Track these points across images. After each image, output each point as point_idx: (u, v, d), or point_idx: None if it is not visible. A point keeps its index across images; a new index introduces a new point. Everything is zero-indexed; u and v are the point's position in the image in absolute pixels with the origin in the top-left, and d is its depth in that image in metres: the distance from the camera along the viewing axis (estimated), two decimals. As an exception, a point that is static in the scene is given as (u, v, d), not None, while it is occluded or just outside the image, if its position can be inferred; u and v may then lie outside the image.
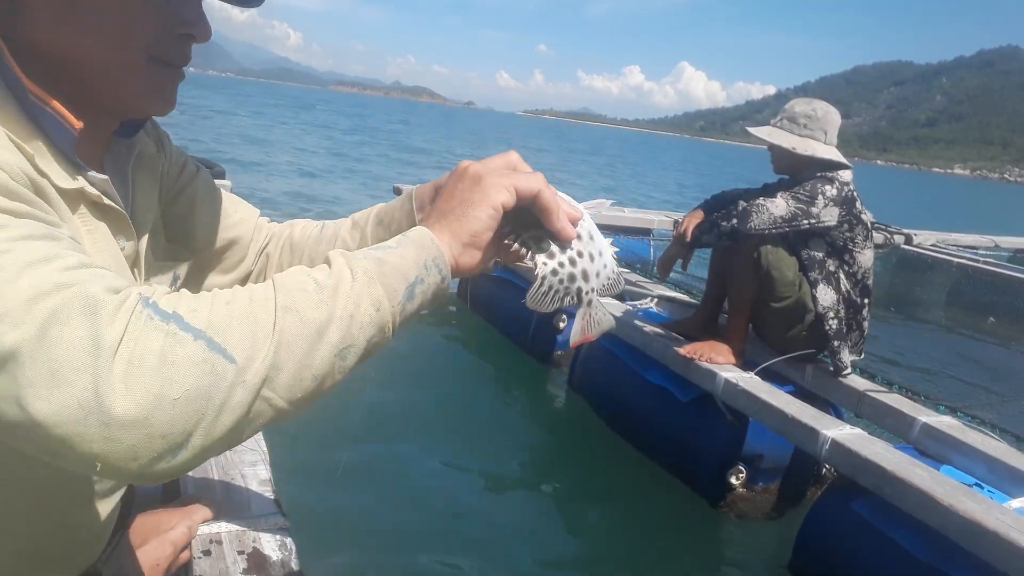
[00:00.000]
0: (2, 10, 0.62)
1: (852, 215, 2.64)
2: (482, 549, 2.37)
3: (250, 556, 1.27)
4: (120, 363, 0.47)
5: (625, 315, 3.30)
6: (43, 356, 0.47)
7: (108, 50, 0.64)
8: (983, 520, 1.85)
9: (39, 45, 0.63)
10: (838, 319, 2.69)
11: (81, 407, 0.47)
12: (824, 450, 2.29)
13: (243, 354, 0.51)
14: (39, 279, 0.49)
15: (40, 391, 0.46)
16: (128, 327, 0.49)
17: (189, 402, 0.49)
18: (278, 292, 0.55)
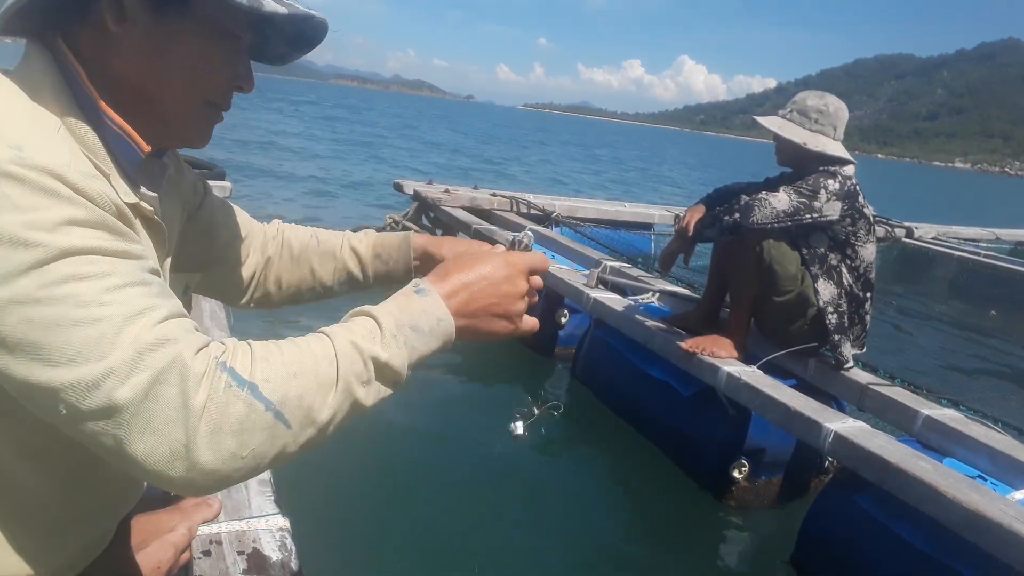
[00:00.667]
0: (93, 39, 0.70)
1: (854, 209, 2.63)
2: (484, 541, 2.37)
3: (250, 556, 1.27)
4: (206, 424, 0.59)
5: (627, 310, 3.30)
6: (145, 410, 0.57)
7: (181, 92, 0.74)
8: (987, 512, 1.85)
9: (122, 76, 0.71)
10: (839, 313, 2.68)
11: (171, 455, 0.58)
12: (827, 443, 2.29)
13: (298, 424, 0.64)
14: (140, 336, 0.58)
15: (138, 437, 0.58)
16: (211, 393, 0.59)
17: (253, 458, 0.62)
18: (340, 377, 0.66)
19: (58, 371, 0.57)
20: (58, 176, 0.60)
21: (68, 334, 0.57)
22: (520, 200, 5.78)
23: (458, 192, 5.72)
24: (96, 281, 0.58)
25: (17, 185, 0.58)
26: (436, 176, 7.42)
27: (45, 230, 0.58)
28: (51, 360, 0.57)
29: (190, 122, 0.77)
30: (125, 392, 0.57)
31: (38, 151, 0.60)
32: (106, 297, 0.58)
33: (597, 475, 2.94)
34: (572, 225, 5.53)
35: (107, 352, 0.57)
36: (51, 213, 0.58)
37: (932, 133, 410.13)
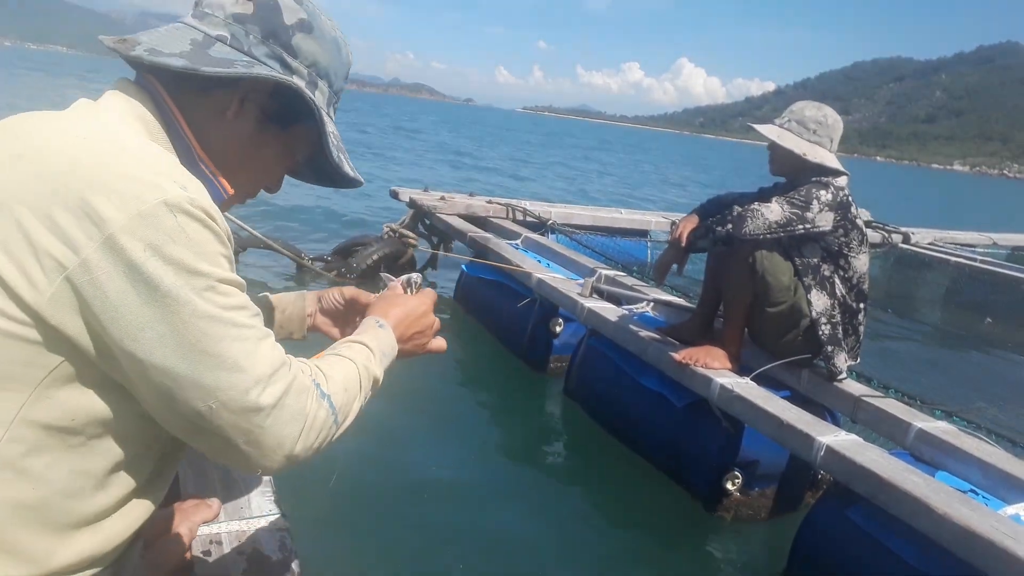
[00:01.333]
0: (207, 110, 0.87)
1: (847, 220, 2.63)
2: (477, 553, 2.37)
3: (250, 556, 1.28)
4: (308, 427, 0.81)
5: (621, 319, 3.30)
6: (276, 414, 0.77)
7: (247, 177, 0.94)
8: (977, 527, 1.84)
9: (215, 146, 0.88)
10: (831, 324, 2.68)
11: (279, 448, 0.78)
12: (819, 457, 2.28)
13: (342, 424, 0.88)
14: (271, 356, 0.78)
15: (264, 433, 0.76)
16: (312, 402, 0.81)
17: (318, 449, 0.84)
18: (361, 389, 0.92)
19: (221, 374, 0.72)
20: (213, 216, 0.74)
21: (230, 347, 0.73)
22: (516, 207, 5.78)
23: (454, 199, 5.72)
24: (242, 310, 0.76)
25: (192, 221, 0.72)
26: (447, 181, 7.41)
27: (209, 262, 0.73)
28: (217, 365, 0.72)
29: (240, 195, 0.95)
30: (266, 398, 0.75)
31: (197, 192, 0.75)
32: (249, 321, 0.76)
33: (590, 485, 2.93)
34: (567, 232, 5.52)
35: (256, 365, 0.75)
36: (212, 247, 0.74)
37: (930, 136, 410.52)
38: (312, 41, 0.90)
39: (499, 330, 4.33)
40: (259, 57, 0.86)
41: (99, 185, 0.69)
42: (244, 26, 0.86)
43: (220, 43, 0.85)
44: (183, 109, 0.85)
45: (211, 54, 0.83)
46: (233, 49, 0.85)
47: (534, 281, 3.92)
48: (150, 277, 0.68)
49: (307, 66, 0.90)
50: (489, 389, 3.84)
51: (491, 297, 4.43)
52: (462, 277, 4.87)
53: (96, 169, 0.70)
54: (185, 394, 0.72)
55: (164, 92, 0.84)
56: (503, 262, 4.27)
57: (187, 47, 0.83)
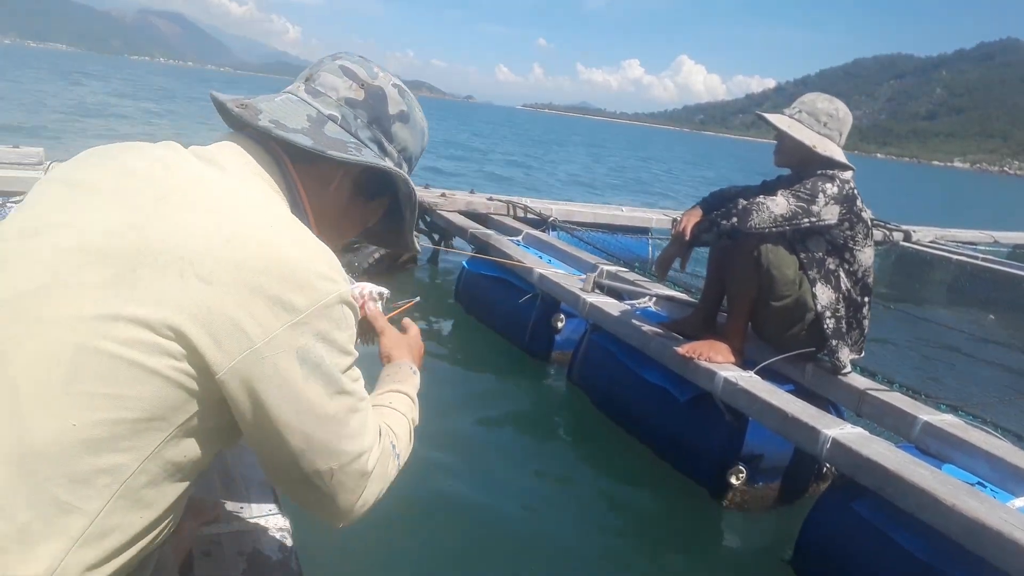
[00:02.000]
0: (313, 180, 0.94)
1: (853, 213, 2.61)
2: (482, 545, 2.36)
3: (250, 556, 1.27)
4: (386, 486, 0.94)
5: (623, 314, 3.28)
6: (373, 477, 0.90)
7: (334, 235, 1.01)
8: (986, 520, 1.83)
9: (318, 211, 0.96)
10: (836, 318, 2.66)
11: (364, 503, 0.91)
12: (824, 450, 2.27)
13: (401, 466, 0.99)
14: (374, 425, 0.91)
15: (364, 492, 0.89)
16: (391, 464, 0.95)
17: (386, 493, 0.95)
18: (411, 439, 1.06)
19: (345, 442, 0.84)
20: (355, 303, 0.86)
21: (355, 418, 0.85)
22: (516, 204, 5.77)
23: (454, 196, 5.71)
24: (360, 382, 0.88)
25: (349, 312, 0.84)
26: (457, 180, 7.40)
27: (352, 343, 0.85)
28: (345, 435, 0.84)
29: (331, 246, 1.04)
30: (371, 464, 0.88)
31: (346, 281, 0.85)
32: (364, 393, 0.89)
33: (593, 480, 2.92)
34: (568, 229, 5.51)
35: (367, 434, 0.88)
36: (352, 332, 0.85)
37: (931, 133, 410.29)
38: (407, 131, 1.01)
39: (501, 326, 4.32)
40: (363, 139, 0.95)
41: (294, 283, 0.78)
42: (354, 110, 0.95)
43: (331, 122, 0.93)
44: (305, 182, 0.93)
45: (326, 132, 0.92)
46: (342, 129, 0.94)
47: (536, 276, 3.91)
48: (317, 358, 0.80)
49: (398, 151, 1.01)
50: (491, 383, 3.82)
51: (493, 293, 4.41)
52: (463, 273, 4.86)
53: (290, 268, 0.78)
54: (314, 456, 0.82)
55: (289, 162, 0.91)
56: (505, 258, 4.26)
57: (306, 124, 0.91)
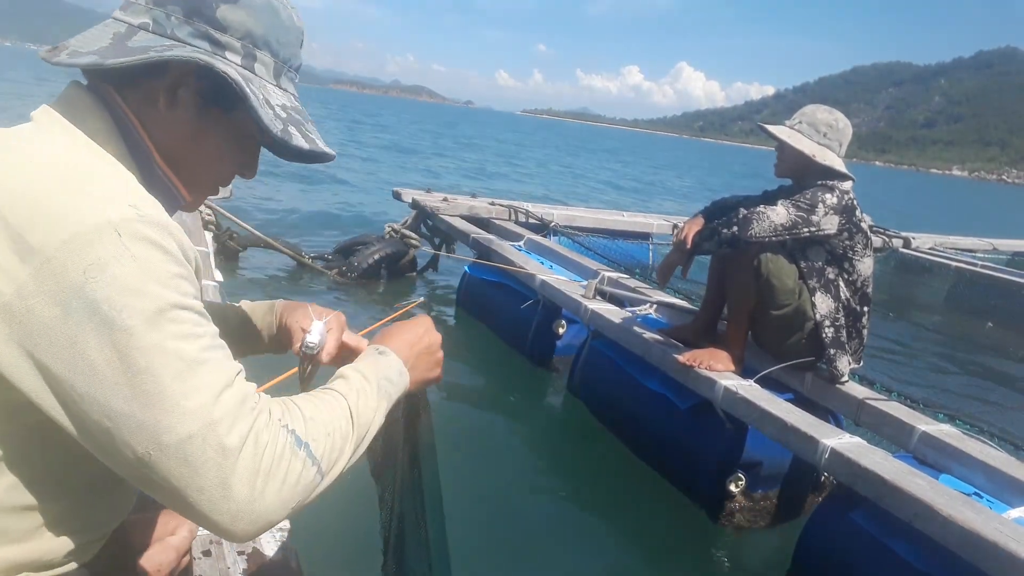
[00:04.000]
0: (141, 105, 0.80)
1: (852, 223, 2.63)
2: (477, 555, 2.37)
3: (250, 557, 1.28)
4: (274, 481, 0.69)
5: (624, 321, 3.30)
6: (230, 467, 0.66)
7: (201, 172, 0.87)
8: (982, 530, 1.85)
9: (158, 142, 0.81)
10: (835, 327, 2.68)
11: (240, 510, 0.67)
12: (823, 459, 2.29)
13: (327, 475, 0.76)
14: (228, 395, 0.68)
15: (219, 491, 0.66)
16: (283, 452, 0.70)
17: (296, 507, 0.72)
18: (354, 430, 0.80)
19: (161, 415, 0.65)
20: (168, 234, 0.69)
21: (174, 383, 0.65)
22: (518, 209, 5.78)
23: (456, 201, 5.72)
24: (195, 339, 0.68)
25: (140, 241, 0.66)
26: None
27: (160, 284, 0.66)
28: (157, 404, 0.64)
29: (198, 191, 0.89)
30: (212, 449, 0.66)
31: (150, 208, 0.70)
32: (203, 353, 0.68)
33: (592, 487, 2.94)
34: (570, 234, 5.53)
35: (204, 406, 0.66)
36: (164, 268, 0.67)
37: (930, 141, 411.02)
38: (239, 11, 0.82)
39: (502, 331, 4.34)
40: (184, 39, 0.79)
41: (43, 216, 0.65)
42: (165, 8, 0.79)
43: (143, 31, 0.79)
44: (136, 110, 0.80)
45: (130, 45, 0.77)
46: (156, 35, 0.78)
47: (537, 282, 3.93)
48: (88, 302, 0.63)
49: (239, 39, 0.82)
50: (492, 388, 3.84)
51: (494, 298, 4.43)
52: (465, 278, 4.87)
53: (32, 195, 0.66)
54: (124, 435, 0.65)
55: (114, 92, 0.79)
56: (506, 263, 4.28)
57: (107, 42, 0.78)
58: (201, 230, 3.93)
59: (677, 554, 2.60)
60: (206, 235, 3.94)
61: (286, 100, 0.86)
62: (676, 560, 2.56)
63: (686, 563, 2.56)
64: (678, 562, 2.55)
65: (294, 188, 10.24)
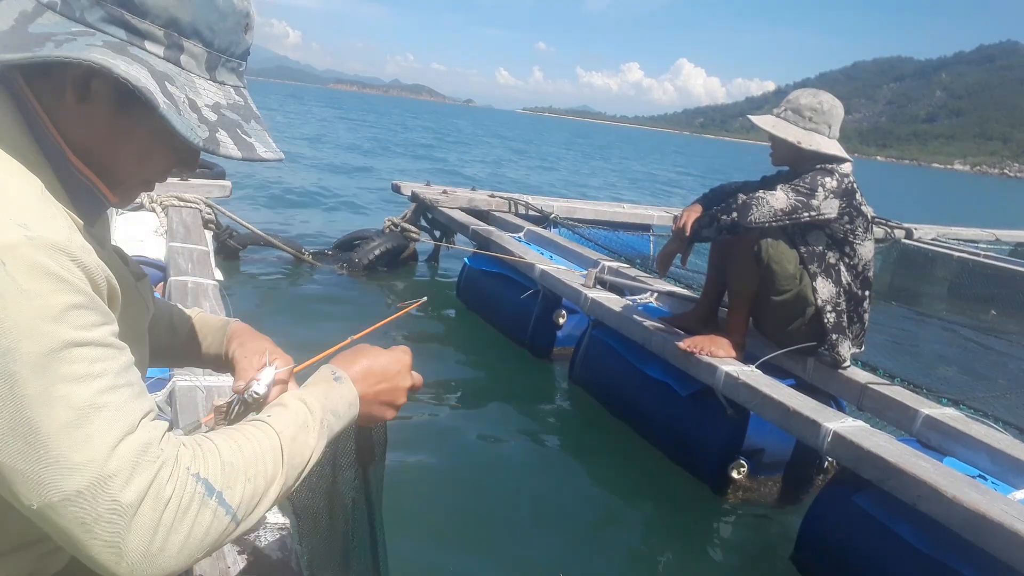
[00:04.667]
0: (52, 99, 0.71)
1: (852, 207, 2.62)
2: (483, 540, 2.36)
3: (250, 556, 1.27)
4: (177, 535, 0.63)
5: (625, 310, 3.29)
6: (125, 524, 0.60)
7: (124, 172, 0.77)
8: (987, 512, 1.83)
9: (74, 141, 0.72)
10: (837, 312, 2.67)
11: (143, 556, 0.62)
12: (826, 443, 2.27)
13: (245, 521, 0.70)
14: (125, 447, 0.61)
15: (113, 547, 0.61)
16: (185, 505, 0.64)
17: (205, 553, 0.66)
18: (283, 471, 0.73)
19: (44, 469, 0.58)
20: (66, 252, 0.62)
21: (62, 433, 0.59)
22: (518, 201, 5.77)
23: (456, 193, 5.71)
24: (92, 382, 0.61)
25: (28, 271, 0.59)
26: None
27: (52, 319, 0.59)
28: (40, 457, 0.58)
29: (123, 192, 0.79)
30: (105, 505, 0.60)
31: (44, 227, 0.62)
32: (100, 400, 0.61)
33: (596, 475, 2.92)
34: (570, 226, 5.52)
35: (96, 458, 0.59)
36: (56, 300, 0.60)
37: (931, 135, 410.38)
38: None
39: (503, 322, 4.32)
40: (94, 24, 0.68)
41: None
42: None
43: (50, 11, 0.68)
44: (42, 101, 0.71)
45: (31, 30, 0.67)
46: (63, 17, 0.68)
47: (537, 272, 3.91)
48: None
49: (162, 26, 0.70)
50: (493, 379, 3.82)
51: (494, 289, 4.42)
52: (465, 270, 4.86)
53: None
54: (14, 487, 0.59)
55: (24, 83, 0.70)
56: (506, 254, 4.26)
57: (9, 24, 0.68)
58: (201, 229, 3.91)
59: (681, 539, 2.58)
60: (206, 234, 3.92)
61: (221, 97, 0.75)
62: (680, 544, 2.55)
63: (689, 547, 2.54)
64: (682, 546, 2.54)
65: (295, 187, 10.24)
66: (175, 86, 0.71)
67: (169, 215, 3.94)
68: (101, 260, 0.68)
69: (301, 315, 4.33)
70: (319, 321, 4.22)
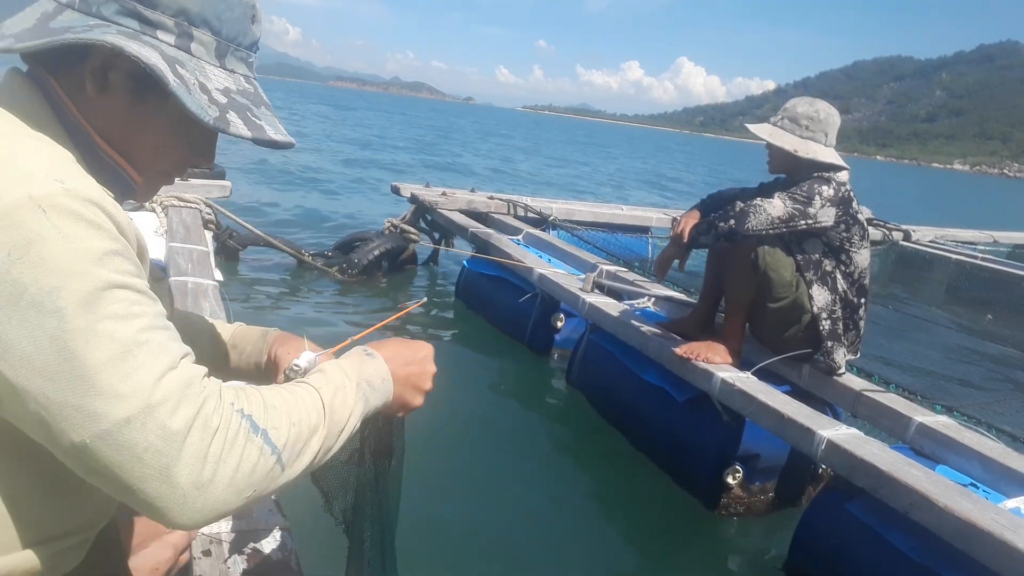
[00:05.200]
0: (73, 90, 0.75)
1: (848, 215, 2.63)
2: (476, 546, 2.37)
3: (250, 556, 1.28)
4: (225, 467, 0.65)
5: (622, 314, 3.30)
6: (173, 453, 0.62)
7: (142, 161, 0.81)
8: (978, 521, 1.85)
9: (99, 125, 0.77)
10: (832, 319, 2.68)
11: (186, 497, 0.63)
12: (820, 450, 2.29)
13: (290, 466, 0.71)
14: (169, 379, 0.64)
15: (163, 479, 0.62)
16: (236, 438, 0.66)
17: (253, 495, 0.68)
18: (325, 425, 0.76)
19: (95, 400, 0.61)
20: (101, 206, 0.65)
21: (109, 366, 0.61)
22: (517, 203, 5.78)
23: (455, 195, 5.72)
24: (133, 320, 0.64)
25: (68, 216, 0.63)
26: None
27: (92, 262, 0.63)
28: (90, 389, 0.61)
29: (149, 177, 0.83)
30: (154, 433, 0.62)
31: (79, 183, 0.66)
32: (142, 336, 0.64)
33: (590, 482, 2.94)
34: (569, 228, 5.53)
35: (142, 389, 0.62)
36: (96, 244, 0.63)
37: (931, 135, 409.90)
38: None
39: (501, 325, 4.34)
40: (109, 17, 0.73)
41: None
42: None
43: (69, 10, 0.74)
44: (70, 95, 0.75)
45: (51, 26, 0.72)
46: (80, 14, 0.73)
47: (536, 276, 3.93)
48: (13, 285, 0.60)
49: (172, 16, 0.75)
50: (490, 382, 3.84)
51: (493, 292, 4.43)
52: (463, 272, 4.87)
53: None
54: (60, 424, 0.61)
55: (52, 79, 0.75)
56: (505, 257, 4.28)
57: (32, 23, 0.73)
58: (201, 229, 3.92)
59: (675, 546, 2.60)
60: (206, 234, 3.93)
61: (231, 83, 0.80)
62: (673, 551, 2.57)
63: (683, 554, 2.56)
64: (675, 553, 2.56)
65: (294, 186, 10.23)
66: (185, 69, 0.75)
67: (169, 215, 3.95)
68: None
69: (301, 316, 4.34)
70: (319, 322, 4.24)
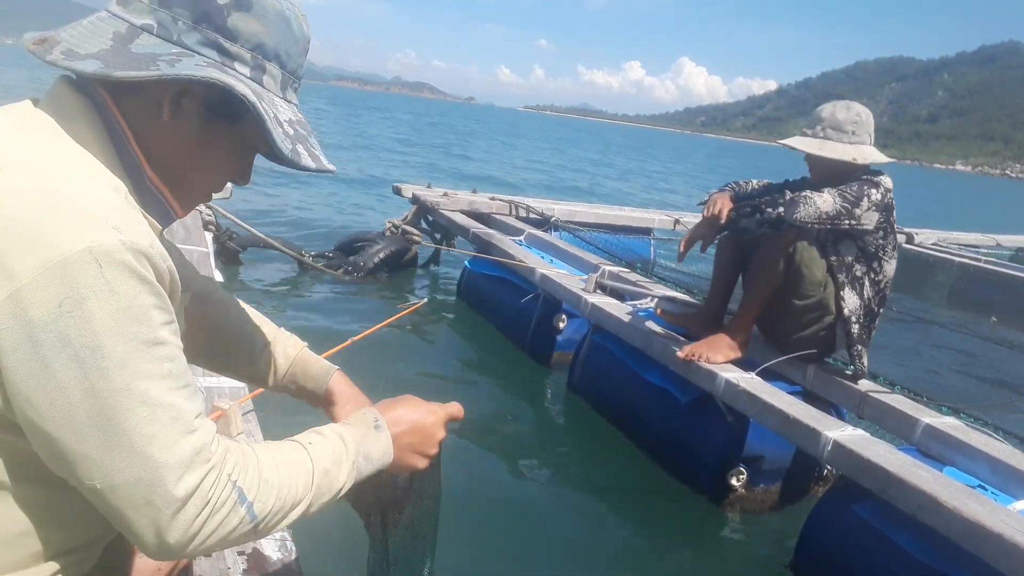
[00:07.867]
0: (142, 114, 0.76)
1: (888, 223, 2.61)
2: (479, 547, 2.36)
3: (250, 556, 1.28)
4: (205, 533, 0.70)
5: (625, 315, 3.29)
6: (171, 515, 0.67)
7: (199, 182, 0.84)
8: (987, 522, 1.83)
9: (157, 154, 0.78)
10: (859, 324, 2.66)
11: (167, 545, 0.69)
12: (826, 451, 2.27)
13: (266, 531, 0.76)
14: (184, 443, 0.68)
15: (153, 528, 0.68)
16: (222, 506, 0.71)
17: (221, 548, 0.73)
18: (312, 496, 0.80)
19: (115, 456, 0.65)
20: (148, 257, 0.67)
21: (137, 426, 0.65)
22: (519, 204, 5.77)
23: (457, 196, 5.71)
24: (162, 381, 0.67)
25: (121, 272, 0.64)
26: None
27: (136, 319, 0.65)
28: (114, 445, 0.64)
29: (190, 202, 0.86)
30: (161, 496, 0.67)
31: (133, 231, 0.67)
32: (167, 398, 0.67)
33: (593, 482, 2.92)
34: (571, 229, 5.52)
35: (160, 452, 0.66)
36: (142, 301, 0.66)
37: (933, 135, 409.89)
38: (252, 20, 0.77)
39: (503, 326, 4.33)
40: (190, 46, 0.74)
41: (19, 236, 0.62)
42: (171, 11, 0.74)
43: (146, 34, 0.74)
44: (127, 116, 0.75)
45: (133, 50, 0.72)
46: (160, 40, 0.74)
47: (538, 276, 3.91)
48: (60, 337, 0.62)
49: (250, 49, 0.77)
50: (492, 383, 3.82)
51: (495, 293, 4.42)
52: (465, 273, 4.86)
53: (10, 211, 0.63)
54: (75, 468, 0.66)
55: (109, 98, 0.75)
56: (507, 258, 4.26)
57: (107, 44, 0.72)
58: (201, 230, 3.91)
59: (679, 546, 2.59)
60: (206, 235, 3.92)
61: (292, 114, 0.83)
62: (678, 552, 2.55)
63: (687, 554, 2.55)
64: (680, 554, 2.54)
65: (294, 186, 10.23)
66: (264, 103, 0.77)
67: (170, 217, 3.94)
68: None
69: (302, 318, 4.33)
70: (319, 324, 4.22)
